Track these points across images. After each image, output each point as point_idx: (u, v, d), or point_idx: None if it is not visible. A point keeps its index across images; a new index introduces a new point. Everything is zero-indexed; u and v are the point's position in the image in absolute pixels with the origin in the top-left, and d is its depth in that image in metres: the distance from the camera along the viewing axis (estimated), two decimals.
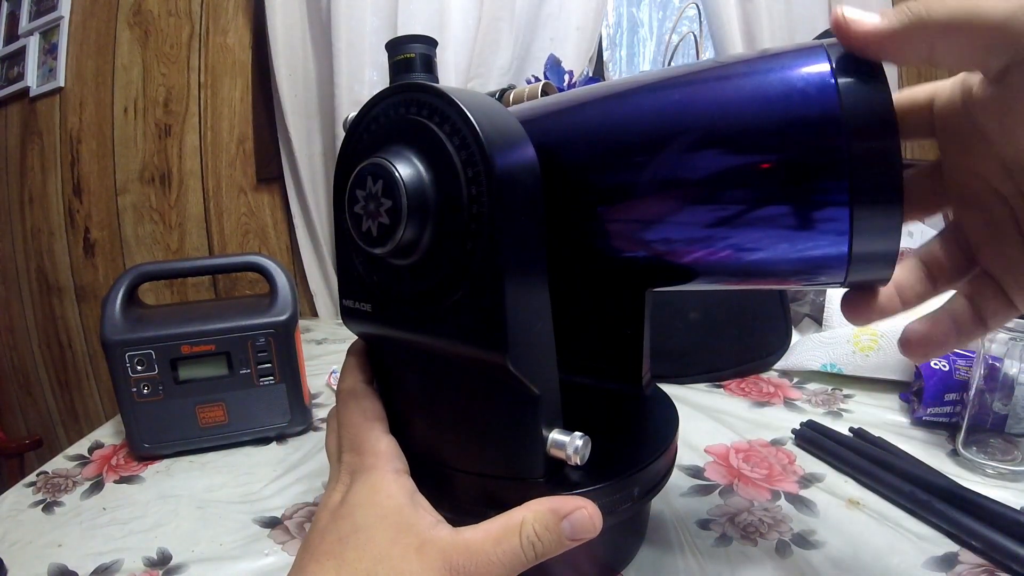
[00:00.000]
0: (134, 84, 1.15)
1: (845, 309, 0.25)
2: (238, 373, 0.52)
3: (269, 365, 0.52)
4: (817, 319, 0.77)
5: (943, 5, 0.18)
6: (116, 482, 0.49)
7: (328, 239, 1.08)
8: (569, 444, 0.25)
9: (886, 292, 0.24)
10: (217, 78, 1.12)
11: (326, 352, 0.85)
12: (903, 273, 0.25)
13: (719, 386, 0.63)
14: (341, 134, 0.78)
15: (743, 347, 0.65)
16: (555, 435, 0.26)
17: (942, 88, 0.23)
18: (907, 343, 0.25)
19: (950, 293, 0.25)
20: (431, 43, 0.49)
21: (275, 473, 0.49)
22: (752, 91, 0.22)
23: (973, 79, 0.21)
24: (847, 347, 0.61)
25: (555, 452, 0.26)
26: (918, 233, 0.61)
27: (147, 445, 0.51)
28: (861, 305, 0.25)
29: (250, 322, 0.52)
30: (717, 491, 0.43)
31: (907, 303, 0.25)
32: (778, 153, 0.21)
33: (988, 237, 0.23)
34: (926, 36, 0.19)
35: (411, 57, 0.48)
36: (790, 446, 0.49)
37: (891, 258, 0.21)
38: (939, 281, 0.25)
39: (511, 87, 0.66)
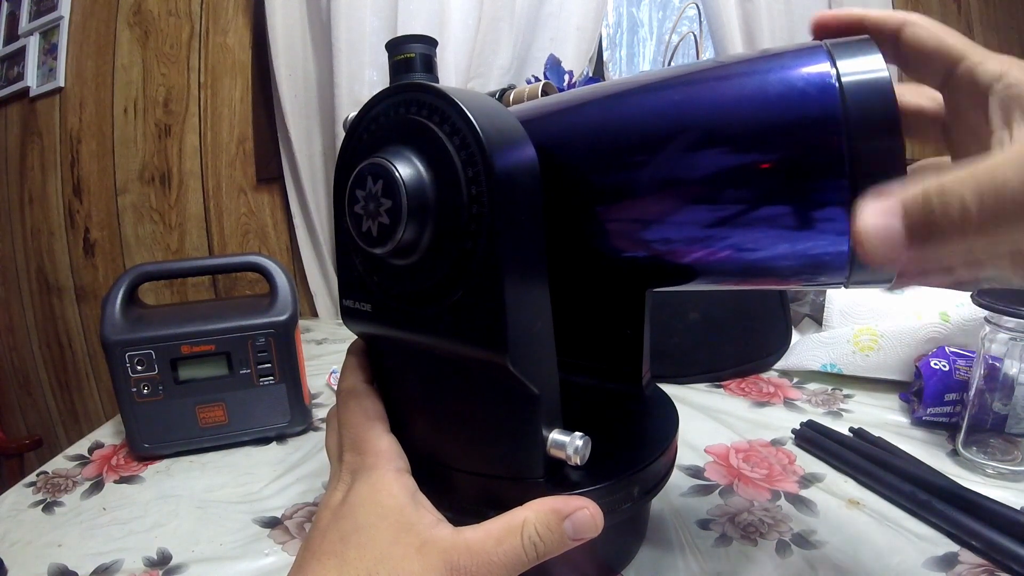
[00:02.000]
0: (134, 84, 1.15)
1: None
2: (238, 373, 0.52)
3: (269, 365, 0.52)
4: (817, 319, 0.77)
5: (964, 183, 0.16)
6: (116, 482, 0.49)
7: (328, 239, 1.08)
8: (569, 444, 0.25)
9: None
10: (217, 78, 1.12)
11: (326, 352, 0.85)
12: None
13: (719, 386, 0.63)
14: (341, 134, 0.78)
15: (743, 347, 0.65)
16: (555, 435, 0.26)
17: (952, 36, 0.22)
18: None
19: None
20: (431, 43, 0.49)
21: (275, 473, 0.49)
22: (752, 91, 0.22)
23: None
24: (847, 347, 0.61)
25: (555, 452, 0.26)
26: None
27: (147, 445, 0.51)
28: None
29: (250, 322, 0.52)
30: (717, 491, 0.43)
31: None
32: (778, 152, 0.21)
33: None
34: (963, 239, 0.16)
35: (411, 57, 0.48)
36: (790, 446, 0.49)
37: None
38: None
39: (511, 87, 0.66)
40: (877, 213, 0.17)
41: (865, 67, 0.20)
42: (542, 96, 0.61)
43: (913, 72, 0.23)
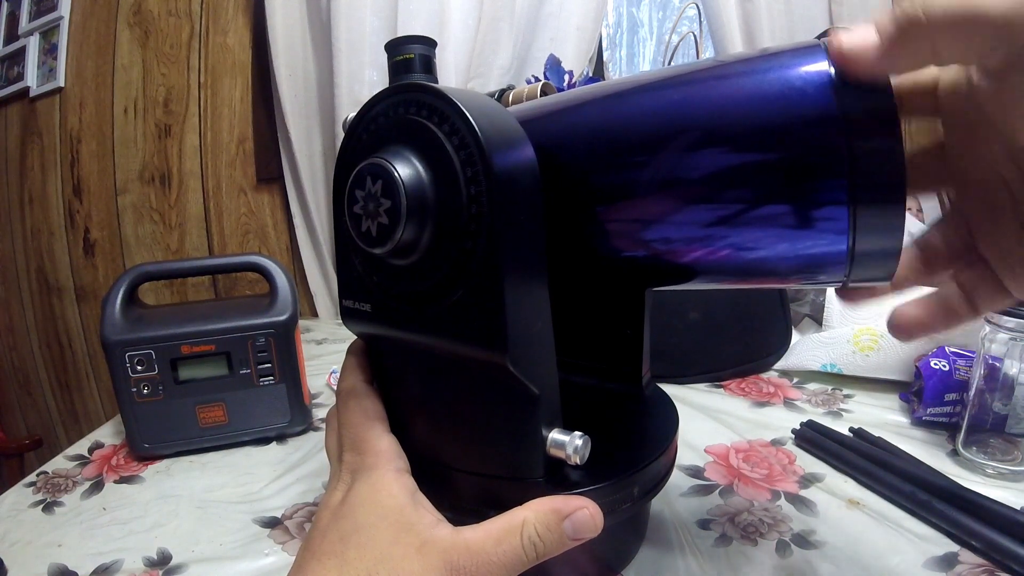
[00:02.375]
0: (134, 84, 1.15)
1: (839, 291, 0.25)
2: (238, 373, 0.52)
3: (269, 365, 0.52)
4: (817, 319, 0.77)
5: (940, 3, 0.17)
6: (116, 482, 0.49)
7: (328, 239, 1.08)
8: (569, 444, 0.25)
9: None
10: (217, 78, 1.12)
11: (326, 352, 0.85)
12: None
13: (719, 386, 0.63)
14: (341, 134, 0.78)
15: (743, 347, 0.65)
16: (555, 435, 0.26)
17: (946, 71, 0.23)
18: (896, 325, 0.25)
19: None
20: (430, 43, 0.49)
21: (275, 473, 0.49)
22: (751, 90, 0.22)
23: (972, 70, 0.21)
24: (847, 347, 0.61)
25: (555, 452, 0.26)
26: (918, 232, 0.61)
27: (147, 445, 0.51)
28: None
29: (250, 322, 0.52)
30: (717, 491, 0.43)
31: (899, 286, 0.25)
32: (777, 152, 0.21)
33: (986, 221, 0.23)
34: (927, 36, 0.18)
35: (410, 57, 0.48)
36: (790, 446, 0.49)
37: (893, 257, 0.21)
38: (935, 266, 0.25)
39: (511, 87, 0.66)
40: (853, 32, 0.19)
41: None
42: (542, 96, 0.61)
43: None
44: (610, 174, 0.26)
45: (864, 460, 0.43)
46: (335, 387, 0.66)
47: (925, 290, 0.26)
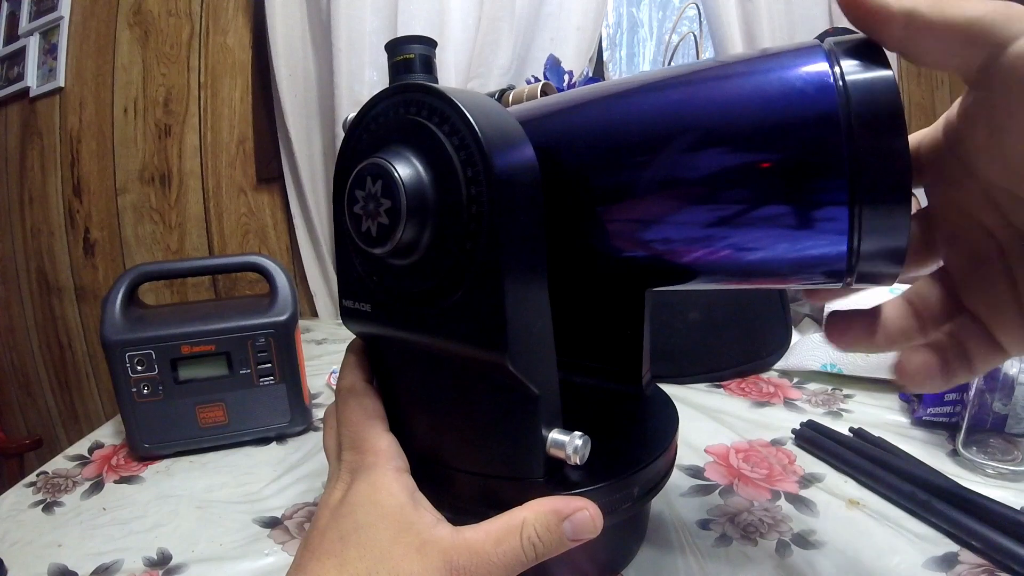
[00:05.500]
0: (134, 84, 1.15)
1: (828, 330, 0.25)
2: (238, 373, 0.52)
3: (269, 365, 0.52)
4: (817, 319, 0.77)
5: (926, 3, 0.18)
6: (116, 482, 0.49)
7: (328, 239, 1.08)
8: (569, 444, 0.25)
9: (872, 324, 0.24)
10: (217, 78, 1.12)
11: (326, 352, 0.85)
12: (890, 309, 0.25)
13: (719, 386, 0.63)
14: (341, 134, 0.78)
15: (743, 347, 0.65)
16: (555, 435, 0.26)
17: (924, 133, 0.23)
18: (902, 372, 0.24)
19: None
20: (431, 44, 0.49)
21: (275, 473, 0.49)
22: (751, 90, 0.22)
23: (953, 110, 0.21)
24: None
25: (555, 452, 0.26)
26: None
27: (147, 445, 0.51)
28: (843, 327, 0.24)
29: (250, 322, 0.52)
30: (717, 491, 0.43)
31: (892, 339, 0.24)
32: (777, 152, 0.21)
33: (974, 276, 0.23)
34: (907, 21, 0.19)
35: (411, 58, 0.48)
36: (790, 446, 0.49)
37: (897, 258, 0.21)
38: (927, 322, 0.24)
39: (511, 87, 0.66)
40: None
41: (868, 66, 0.20)
42: (542, 96, 0.61)
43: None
44: (610, 174, 0.26)
45: (864, 460, 0.43)
46: (335, 387, 0.66)
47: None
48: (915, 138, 0.24)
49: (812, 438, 0.48)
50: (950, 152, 0.22)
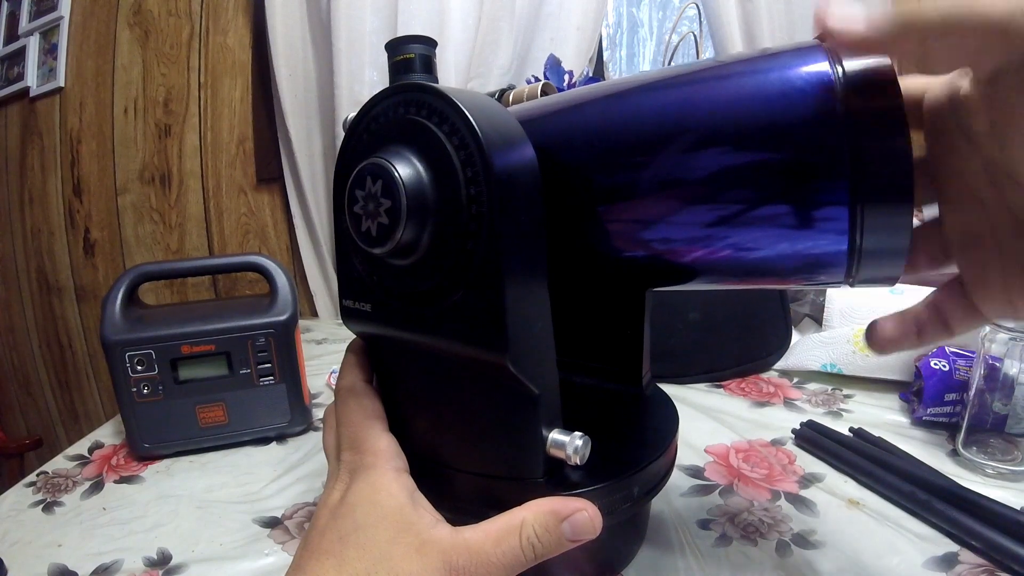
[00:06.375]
0: (134, 84, 1.15)
1: (868, 337, 0.26)
2: (238, 373, 0.52)
3: (269, 365, 0.52)
4: (817, 319, 0.77)
5: (935, 5, 0.17)
6: (116, 482, 0.49)
7: (328, 239, 1.08)
8: (569, 444, 0.25)
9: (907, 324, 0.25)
10: (217, 78, 1.12)
11: (326, 352, 0.85)
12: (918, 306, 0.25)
13: (719, 386, 0.63)
14: (341, 134, 0.78)
15: (743, 347, 0.65)
16: (555, 435, 0.26)
17: (934, 83, 0.23)
18: (873, 338, 0.26)
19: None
20: (431, 43, 0.49)
21: (275, 473, 0.49)
22: (751, 90, 0.22)
23: (961, 80, 0.21)
24: (847, 347, 0.61)
25: (555, 452, 0.26)
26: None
27: (147, 445, 0.51)
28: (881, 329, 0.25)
29: (250, 322, 0.52)
30: (717, 491, 0.43)
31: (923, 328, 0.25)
32: (778, 152, 0.21)
33: (964, 241, 0.23)
34: (918, 38, 0.18)
35: (411, 57, 0.48)
36: (790, 446, 0.49)
37: (898, 257, 0.21)
38: (918, 267, 0.25)
39: (511, 87, 0.66)
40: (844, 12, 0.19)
41: (869, 66, 0.20)
42: (542, 96, 0.61)
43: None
44: (610, 174, 0.26)
45: (864, 460, 0.43)
46: (334, 386, 0.66)
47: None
48: (922, 83, 0.23)
49: (812, 438, 0.48)
50: (953, 117, 0.21)
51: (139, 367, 0.49)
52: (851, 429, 0.49)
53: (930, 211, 0.24)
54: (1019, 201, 0.20)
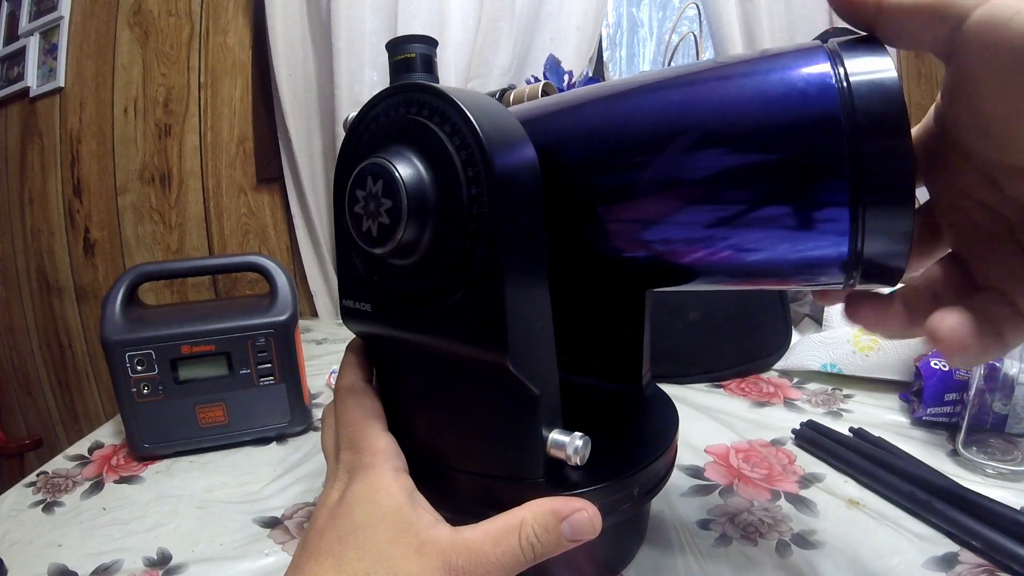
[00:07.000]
0: (134, 84, 1.15)
1: (846, 308, 0.25)
2: (238, 373, 0.52)
3: (269, 365, 0.52)
4: (817, 319, 0.77)
5: None
6: (116, 482, 0.49)
7: (328, 239, 1.08)
8: (569, 444, 0.25)
9: (886, 306, 0.24)
10: (217, 78, 1.12)
11: (326, 352, 0.85)
12: (906, 291, 0.24)
13: (719, 386, 0.63)
14: (341, 134, 0.78)
15: (743, 347, 0.65)
16: (555, 435, 0.26)
17: (919, 126, 0.23)
18: (935, 334, 0.21)
19: None
20: (431, 43, 0.49)
21: (275, 473, 0.49)
22: (752, 91, 0.22)
23: (939, 97, 0.21)
24: (847, 347, 0.61)
25: (555, 452, 0.26)
26: None
27: (147, 445, 0.51)
28: (861, 306, 0.24)
29: (250, 322, 0.52)
30: (717, 491, 0.43)
31: (913, 315, 0.23)
32: (778, 153, 0.21)
33: (987, 255, 0.23)
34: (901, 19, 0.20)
35: (411, 57, 0.48)
36: (790, 446, 0.49)
37: (899, 259, 0.21)
38: (944, 300, 0.24)
39: (511, 87, 0.66)
40: None
41: (871, 67, 0.20)
42: (542, 96, 0.61)
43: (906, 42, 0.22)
44: (611, 174, 0.26)
45: (864, 460, 0.43)
46: (334, 386, 0.66)
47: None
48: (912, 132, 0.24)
49: (812, 438, 0.48)
50: (944, 138, 0.22)
51: (139, 367, 0.49)
52: (851, 429, 0.49)
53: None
54: (1021, 189, 0.20)
